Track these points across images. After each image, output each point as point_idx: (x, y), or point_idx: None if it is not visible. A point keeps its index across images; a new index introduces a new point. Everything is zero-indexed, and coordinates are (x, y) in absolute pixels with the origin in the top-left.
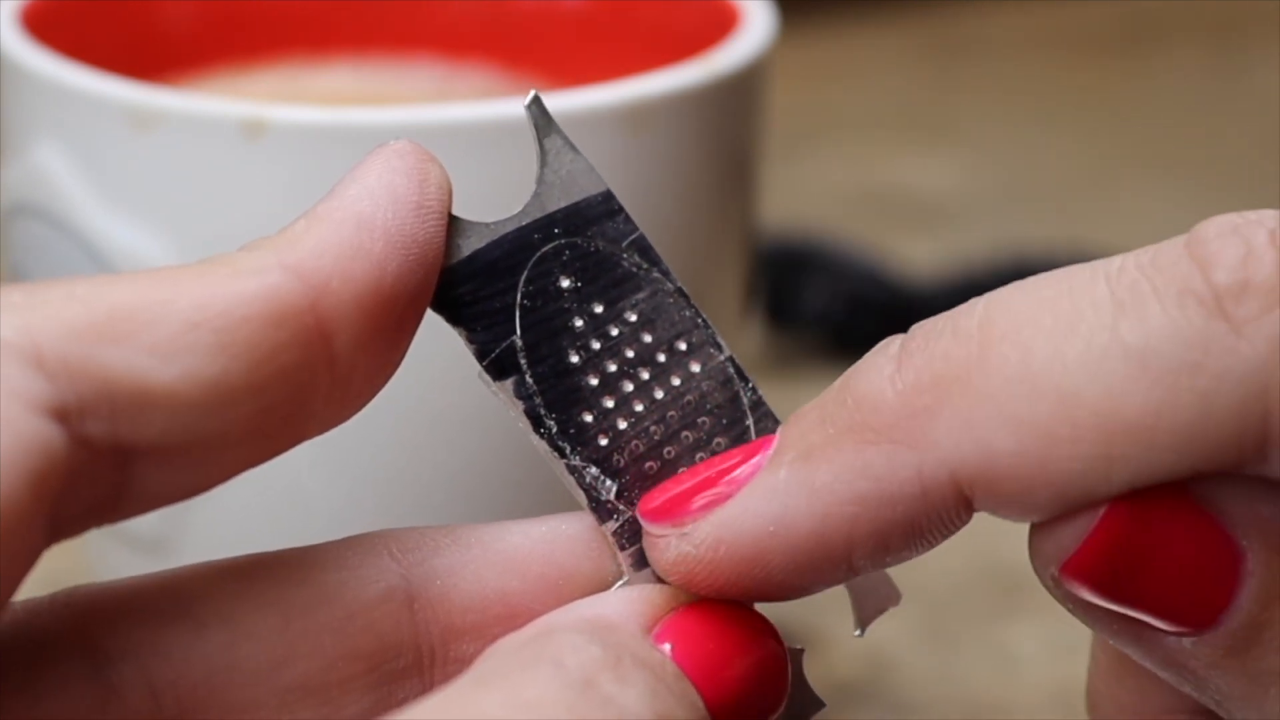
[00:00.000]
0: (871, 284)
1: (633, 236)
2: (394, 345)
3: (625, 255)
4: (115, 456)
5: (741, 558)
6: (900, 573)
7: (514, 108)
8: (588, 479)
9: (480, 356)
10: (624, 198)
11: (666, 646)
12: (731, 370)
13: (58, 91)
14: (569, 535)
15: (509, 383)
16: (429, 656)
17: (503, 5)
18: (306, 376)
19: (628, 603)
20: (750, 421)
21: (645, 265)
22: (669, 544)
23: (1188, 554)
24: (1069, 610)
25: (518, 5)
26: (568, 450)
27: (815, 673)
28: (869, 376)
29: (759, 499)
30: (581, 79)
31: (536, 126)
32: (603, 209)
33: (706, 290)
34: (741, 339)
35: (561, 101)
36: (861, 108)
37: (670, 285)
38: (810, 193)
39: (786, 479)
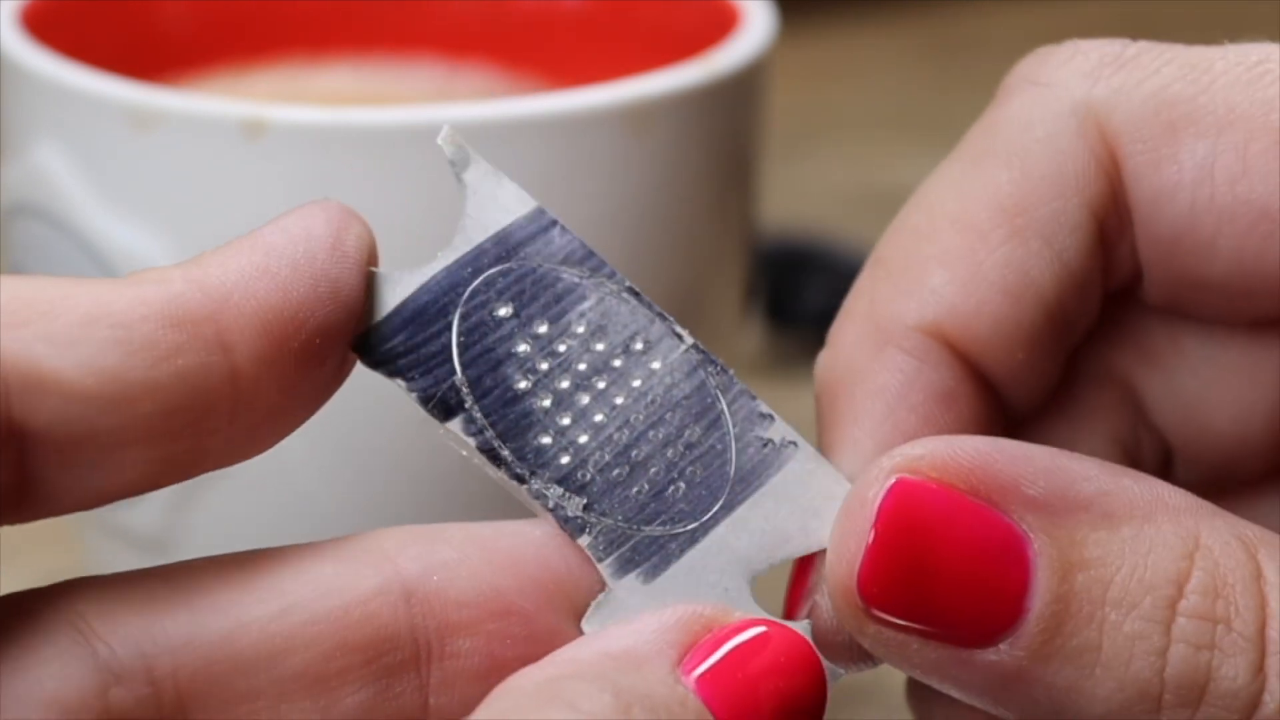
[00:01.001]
0: None
1: (570, 247)
2: (303, 375)
3: (564, 268)
4: (12, 443)
5: None
6: None
7: (514, 108)
8: (551, 501)
9: (422, 403)
10: (624, 197)
11: (693, 676)
12: (696, 357)
13: (58, 91)
14: (562, 538)
15: (455, 423)
16: (425, 651)
17: (503, 5)
18: (206, 383)
19: (660, 631)
20: (723, 405)
21: (588, 273)
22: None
23: (971, 544)
24: (885, 658)
25: (518, 5)
26: (528, 476)
27: None
28: None
29: None
30: (581, 79)
31: (454, 162)
32: (534, 227)
33: (706, 290)
34: (741, 339)
35: (561, 101)
36: (861, 108)
37: (617, 286)
38: (810, 193)
39: None
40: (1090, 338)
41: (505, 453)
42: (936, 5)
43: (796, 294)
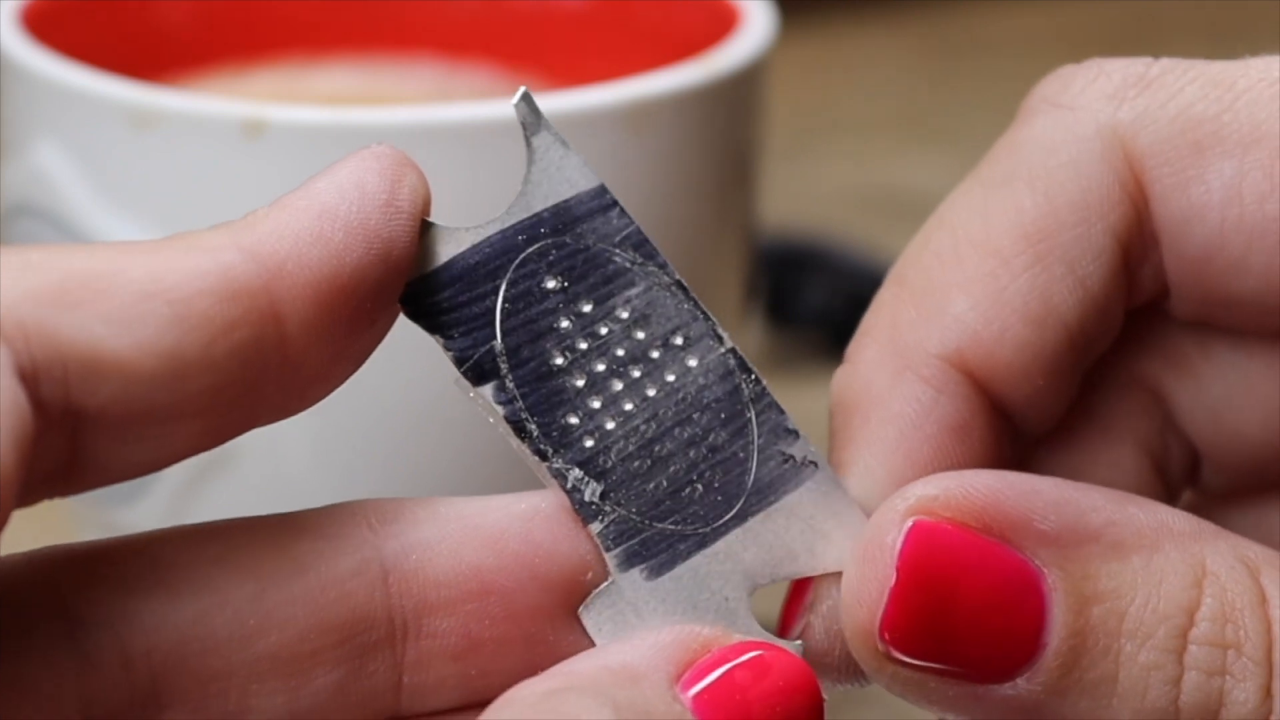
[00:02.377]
0: (871, 284)
1: (627, 231)
2: (352, 338)
3: (618, 251)
4: (67, 423)
5: None
6: None
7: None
8: (570, 482)
9: (458, 363)
10: (624, 197)
11: (690, 695)
12: (733, 362)
13: (58, 91)
14: (547, 515)
15: (487, 389)
16: (401, 631)
17: (503, 5)
18: (258, 356)
19: (658, 649)
20: (751, 414)
21: (640, 259)
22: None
23: (988, 583)
24: (902, 695)
25: (518, 5)
26: (550, 453)
27: None
28: None
29: None
30: (581, 79)
31: (525, 125)
32: (594, 204)
33: (707, 289)
34: (741, 338)
35: (561, 101)
36: (861, 108)
37: (668, 279)
38: (810, 193)
39: None
40: (1116, 346)
41: (531, 426)
42: (936, 5)
43: (796, 294)
